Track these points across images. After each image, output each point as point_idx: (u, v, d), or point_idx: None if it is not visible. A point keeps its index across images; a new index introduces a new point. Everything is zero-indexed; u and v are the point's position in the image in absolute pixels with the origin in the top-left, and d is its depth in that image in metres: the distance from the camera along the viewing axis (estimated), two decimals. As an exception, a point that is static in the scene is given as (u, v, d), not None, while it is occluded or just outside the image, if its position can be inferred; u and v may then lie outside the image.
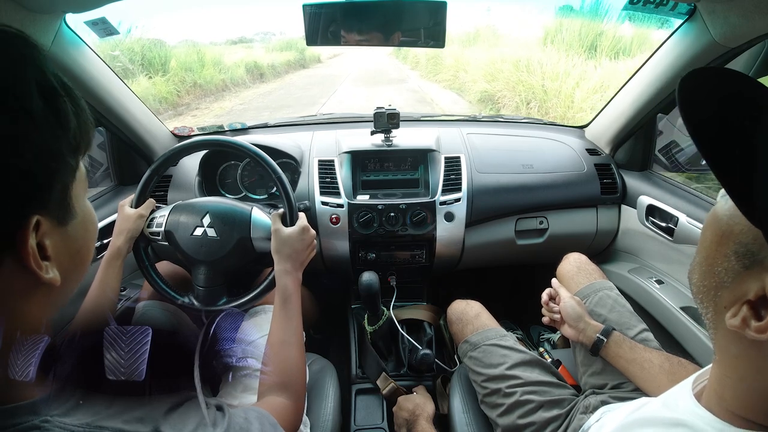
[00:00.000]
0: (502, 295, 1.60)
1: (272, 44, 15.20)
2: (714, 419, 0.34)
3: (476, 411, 0.89)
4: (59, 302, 0.36)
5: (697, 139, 0.32)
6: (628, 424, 0.44)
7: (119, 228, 0.86)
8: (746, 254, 0.31)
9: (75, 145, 0.33)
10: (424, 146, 1.22)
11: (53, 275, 0.32)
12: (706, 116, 0.32)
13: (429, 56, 10.13)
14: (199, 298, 0.88)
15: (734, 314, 0.31)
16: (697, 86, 0.33)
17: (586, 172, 1.24)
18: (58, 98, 0.32)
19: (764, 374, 0.31)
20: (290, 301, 0.75)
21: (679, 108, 0.33)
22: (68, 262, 0.35)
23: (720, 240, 0.34)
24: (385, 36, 0.93)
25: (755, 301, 0.30)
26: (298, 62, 14.54)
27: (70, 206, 0.34)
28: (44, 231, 0.31)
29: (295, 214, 0.85)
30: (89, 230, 0.38)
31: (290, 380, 0.68)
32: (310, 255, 0.84)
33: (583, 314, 0.85)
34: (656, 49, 1.04)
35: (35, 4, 0.72)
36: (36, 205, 0.31)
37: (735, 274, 0.32)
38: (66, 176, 0.33)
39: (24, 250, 0.30)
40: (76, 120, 0.33)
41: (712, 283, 0.34)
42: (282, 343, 0.72)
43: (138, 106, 1.15)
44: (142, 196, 0.89)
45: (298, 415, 0.68)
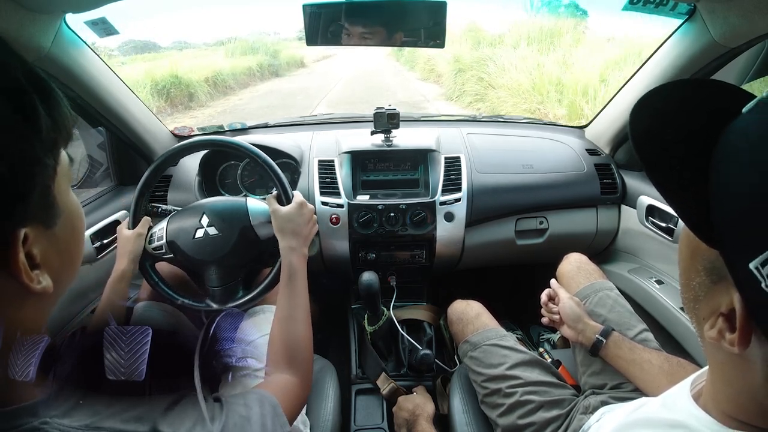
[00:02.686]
0: (502, 295, 1.60)
1: (233, 47, 11.63)
2: (711, 421, 0.34)
3: (476, 411, 0.89)
4: (53, 303, 0.35)
5: (647, 167, 0.32)
6: (627, 425, 0.44)
7: (121, 251, 0.85)
8: (713, 270, 0.31)
9: (51, 142, 0.32)
10: (424, 146, 1.22)
11: (45, 284, 0.31)
12: (657, 144, 0.32)
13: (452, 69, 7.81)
14: (216, 298, 0.88)
15: (711, 326, 0.32)
16: (650, 113, 0.33)
17: (586, 172, 1.24)
18: (24, 97, 0.29)
19: (750, 379, 0.31)
20: (296, 277, 0.76)
21: (632, 141, 0.33)
22: (59, 263, 0.34)
23: (692, 255, 0.34)
24: (385, 36, 0.93)
25: (728, 314, 0.30)
26: (269, 68, 11.50)
27: (54, 206, 0.33)
28: (32, 241, 0.30)
29: (289, 193, 0.85)
30: (76, 226, 0.36)
31: (296, 356, 0.68)
32: (312, 229, 0.84)
33: (582, 315, 0.85)
34: (656, 49, 1.04)
35: (35, 4, 0.72)
36: (19, 217, 0.29)
37: (707, 289, 0.33)
38: (46, 178, 0.31)
39: (15, 267, 0.29)
40: (50, 116, 0.31)
41: (690, 296, 0.35)
42: (288, 319, 0.72)
43: (138, 106, 1.15)
44: (137, 213, 0.89)
45: (304, 391, 0.67)
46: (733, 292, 0.29)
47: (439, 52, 8.24)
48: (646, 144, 0.33)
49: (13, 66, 0.30)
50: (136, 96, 1.15)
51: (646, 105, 0.33)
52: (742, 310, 0.29)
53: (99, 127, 1.15)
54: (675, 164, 0.32)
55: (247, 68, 10.42)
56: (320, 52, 16.20)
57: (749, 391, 0.32)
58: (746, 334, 0.29)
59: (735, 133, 0.29)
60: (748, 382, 0.31)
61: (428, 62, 9.88)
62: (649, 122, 0.33)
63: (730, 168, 0.29)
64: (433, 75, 9.39)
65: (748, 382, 0.31)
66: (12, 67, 0.30)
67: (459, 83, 7.30)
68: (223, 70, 9.23)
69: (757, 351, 0.29)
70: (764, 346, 0.29)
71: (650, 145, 0.32)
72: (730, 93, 0.33)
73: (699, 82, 0.35)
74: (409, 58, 12.09)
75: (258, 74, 10.74)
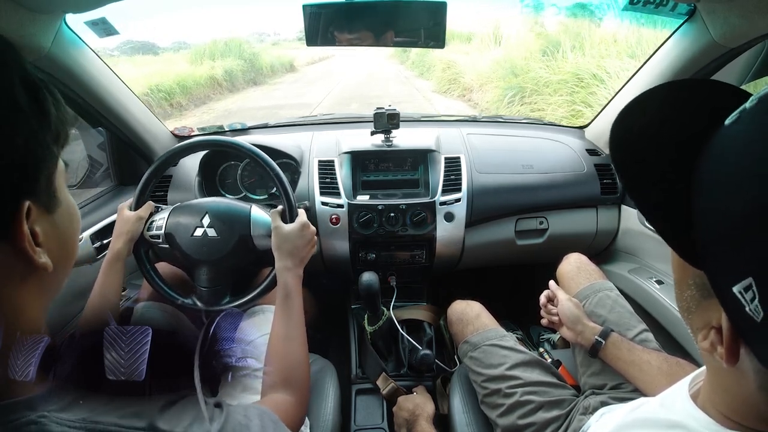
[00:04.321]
0: (502, 295, 1.60)
1: (201, 50, 9.19)
2: (709, 421, 0.34)
3: (476, 411, 0.89)
4: (52, 290, 0.37)
5: (626, 183, 0.32)
6: (626, 425, 0.44)
7: (119, 230, 0.86)
8: (703, 286, 0.31)
9: (56, 133, 0.35)
10: (424, 146, 1.22)
11: (46, 260, 0.33)
12: (638, 163, 0.32)
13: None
14: (203, 299, 0.88)
15: (704, 338, 0.31)
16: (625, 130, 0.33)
17: (586, 173, 1.24)
18: (38, 90, 0.33)
19: (745, 386, 0.31)
20: (291, 297, 0.76)
21: (612, 158, 0.33)
22: (57, 249, 0.36)
23: (682, 268, 0.34)
24: (385, 36, 0.93)
25: (719, 328, 0.30)
26: (243, 76, 9.10)
27: (55, 195, 0.36)
28: (34, 218, 0.33)
29: (294, 211, 0.85)
30: (73, 220, 0.39)
31: (293, 376, 0.68)
32: (310, 251, 0.84)
33: (581, 316, 0.85)
34: (656, 49, 1.04)
35: (35, 4, 0.72)
36: (27, 191, 0.32)
37: (698, 303, 0.32)
38: (51, 165, 0.35)
39: (20, 235, 0.31)
40: (56, 110, 0.35)
41: (684, 306, 0.35)
42: (284, 339, 0.72)
43: (138, 106, 1.15)
44: (142, 197, 0.89)
45: (301, 411, 0.68)
46: (721, 310, 0.29)
47: (470, 58, 6.98)
48: (625, 159, 0.32)
49: (27, 63, 0.33)
50: (136, 96, 1.15)
51: (624, 122, 0.33)
52: (729, 328, 0.28)
53: (99, 127, 1.15)
54: (655, 180, 0.31)
55: (210, 78, 8.15)
56: (316, 54, 14.94)
57: (744, 396, 0.32)
58: (733, 352, 0.28)
59: (715, 151, 0.28)
60: (742, 388, 0.31)
61: (448, 69, 7.63)
62: (631, 137, 0.32)
63: (708, 192, 0.28)
64: (457, 87, 7.13)
65: (743, 389, 0.31)
66: (27, 63, 0.33)
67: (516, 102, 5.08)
68: (180, 80, 7.27)
69: (748, 364, 0.29)
70: (755, 360, 0.28)
71: (628, 160, 0.32)
72: (720, 94, 0.32)
73: (677, 86, 0.34)
74: (418, 62, 10.20)
75: (227, 84, 8.49)
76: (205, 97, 7.81)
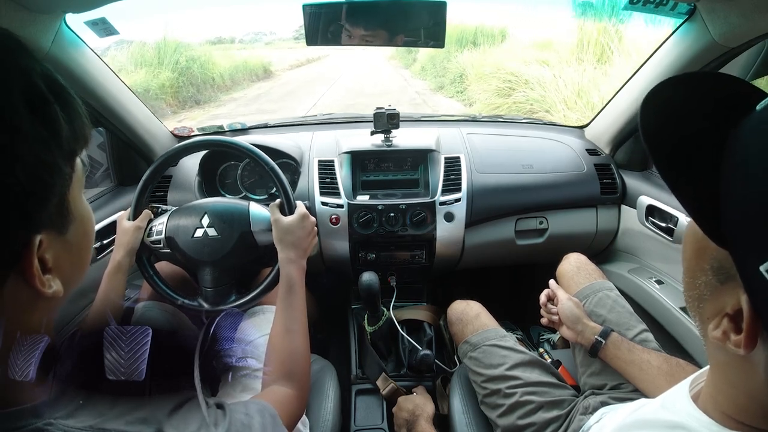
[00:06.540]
0: (502, 295, 1.60)
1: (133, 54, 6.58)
2: (710, 422, 0.34)
3: (476, 411, 0.89)
4: (59, 306, 0.36)
5: (660, 165, 0.31)
6: (627, 426, 0.44)
7: (119, 242, 0.86)
8: (721, 269, 0.31)
9: (69, 151, 0.32)
10: (423, 146, 1.22)
11: (56, 288, 0.32)
12: (669, 140, 0.32)
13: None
14: (208, 299, 0.88)
15: (716, 326, 0.31)
16: (660, 107, 0.32)
17: (585, 172, 1.24)
18: (46, 106, 0.30)
19: (753, 380, 0.31)
20: (294, 289, 0.76)
21: (642, 134, 0.32)
22: (69, 268, 0.34)
23: (698, 254, 0.34)
24: (385, 36, 0.93)
25: (734, 315, 0.30)
26: (174, 94, 6.34)
27: (68, 213, 0.33)
28: (45, 246, 0.31)
29: (292, 203, 0.85)
30: (87, 231, 0.37)
31: (294, 369, 0.68)
32: (312, 242, 0.84)
33: (581, 316, 0.85)
34: (656, 49, 1.04)
35: (35, 4, 0.72)
36: (36, 223, 0.30)
37: (713, 288, 0.32)
38: (63, 187, 0.32)
39: (29, 272, 0.30)
40: (69, 125, 0.31)
41: (695, 295, 0.34)
42: (286, 332, 0.72)
43: (138, 106, 1.15)
44: (140, 203, 0.89)
45: (301, 404, 0.68)
46: (741, 293, 0.28)
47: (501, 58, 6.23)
48: (657, 137, 0.32)
49: (36, 72, 0.30)
50: (137, 96, 1.15)
51: (656, 98, 0.32)
52: (750, 311, 0.28)
53: (99, 128, 1.15)
54: (686, 160, 0.31)
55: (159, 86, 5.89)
56: (304, 55, 13.14)
57: (751, 392, 0.31)
58: (753, 335, 0.28)
59: (749, 130, 0.28)
60: (750, 383, 0.31)
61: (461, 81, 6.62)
62: (660, 116, 0.32)
63: (744, 167, 0.28)
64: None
65: (751, 384, 0.31)
66: (34, 73, 0.29)
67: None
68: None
69: (761, 353, 0.29)
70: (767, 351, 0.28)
71: (661, 138, 0.32)
72: (741, 88, 0.33)
73: (709, 75, 0.35)
74: (427, 66, 8.95)
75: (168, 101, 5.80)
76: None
